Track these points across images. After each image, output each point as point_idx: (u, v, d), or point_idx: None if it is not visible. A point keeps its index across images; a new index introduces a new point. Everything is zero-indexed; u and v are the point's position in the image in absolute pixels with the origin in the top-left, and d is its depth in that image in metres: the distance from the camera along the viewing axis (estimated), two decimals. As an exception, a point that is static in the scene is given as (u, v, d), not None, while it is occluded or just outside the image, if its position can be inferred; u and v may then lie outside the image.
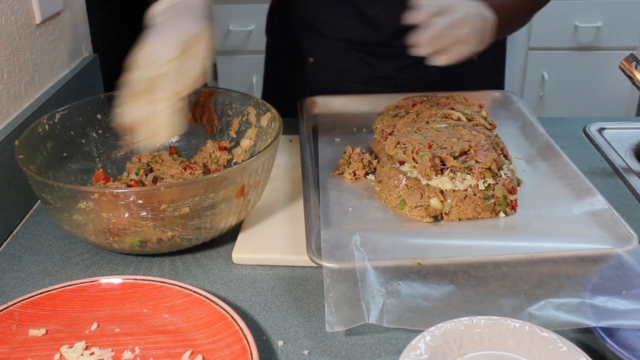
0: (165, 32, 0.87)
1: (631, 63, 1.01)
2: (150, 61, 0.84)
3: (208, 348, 0.69)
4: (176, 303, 0.75)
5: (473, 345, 0.67)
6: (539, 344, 0.66)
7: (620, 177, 1.04)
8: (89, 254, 0.88)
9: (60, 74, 1.17)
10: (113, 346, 0.71)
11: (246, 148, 0.99)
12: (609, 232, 0.80)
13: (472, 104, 1.06)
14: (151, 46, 0.85)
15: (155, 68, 0.83)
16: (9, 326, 0.72)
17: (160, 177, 0.92)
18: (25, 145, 0.86)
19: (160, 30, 0.87)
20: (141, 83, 0.83)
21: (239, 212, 0.85)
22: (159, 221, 0.78)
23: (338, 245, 0.77)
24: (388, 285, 0.72)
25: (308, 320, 0.75)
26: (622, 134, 1.19)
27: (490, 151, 0.90)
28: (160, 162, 0.96)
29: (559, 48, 2.70)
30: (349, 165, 0.97)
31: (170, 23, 0.88)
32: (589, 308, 0.71)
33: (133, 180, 0.91)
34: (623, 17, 2.63)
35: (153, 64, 0.83)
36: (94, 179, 0.94)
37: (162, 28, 0.88)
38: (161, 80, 0.83)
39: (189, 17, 0.89)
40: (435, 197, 0.86)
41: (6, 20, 0.96)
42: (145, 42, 0.86)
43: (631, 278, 0.73)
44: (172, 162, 0.96)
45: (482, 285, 0.74)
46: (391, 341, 0.72)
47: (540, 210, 0.87)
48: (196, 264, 0.85)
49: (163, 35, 0.86)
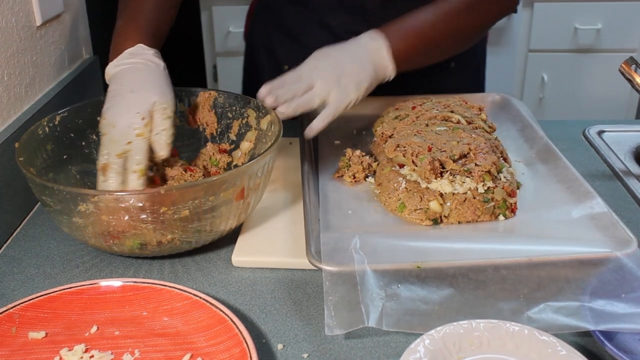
0: (126, 104, 0.87)
1: (630, 66, 1.01)
2: (117, 137, 0.85)
3: (208, 351, 0.69)
4: (176, 306, 0.75)
5: (472, 349, 0.67)
6: (538, 347, 0.66)
7: (619, 180, 1.04)
8: (89, 256, 0.88)
9: (61, 76, 1.17)
10: (113, 349, 0.71)
11: (246, 151, 0.99)
12: (608, 235, 0.80)
13: (472, 106, 1.06)
14: (115, 120, 0.86)
15: (122, 145, 0.84)
16: (9, 329, 0.72)
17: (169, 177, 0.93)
18: (25, 147, 0.86)
19: (121, 102, 0.88)
20: (111, 157, 0.84)
21: (238, 215, 0.85)
22: (159, 224, 0.78)
23: (337, 248, 0.77)
24: (387, 289, 0.72)
25: (307, 323, 0.75)
26: (622, 136, 1.19)
27: (489, 154, 0.90)
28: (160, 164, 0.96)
29: (558, 50, 2.70)
30: (348, 168, 0.97)
31: (129, 93, 0.88)
32: (588, 311, 0.71)
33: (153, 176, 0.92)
34: (623, 19, 2.63)
35: (120, 140, 0.85)
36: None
37: (122, 99, 0.88)
38: (131, 154, 0.84)
39: (148, 82, 0.90)
40: (435, 200, 0.86)
41: (6, 22, 0.96)
42: (109, 114, 0.87)
43: (630, 281, 0.73)
44: (173, 163, 0.96)
45: (482, 288, 0.74)
46: (390, 344, 0.72)
47: (539, 214, 0.87)
48: (196, 267, 0.85)
49: (124, 107, 0.87)
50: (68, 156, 0.95)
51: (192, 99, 1.02)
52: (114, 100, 0.89)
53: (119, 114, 0.87)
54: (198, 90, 1.02)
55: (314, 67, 0.96)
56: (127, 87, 0.89)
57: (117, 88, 0.90)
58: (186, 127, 1.02)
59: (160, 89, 0.90)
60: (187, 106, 1.02)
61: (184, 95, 1.02)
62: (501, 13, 1.11)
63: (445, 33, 1.05)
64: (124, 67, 0.92)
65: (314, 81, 0.94)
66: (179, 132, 0.93)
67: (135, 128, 0.85)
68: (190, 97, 1.02)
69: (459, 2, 1.04)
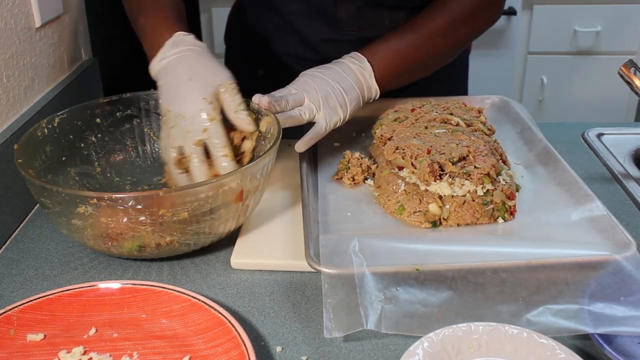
0: (189, 92, 0.87)
1: (630, 69, 1.01)
2: (190, 127, 0.85)
3: (206, 353, 0.69)
4: (174, 308, 0.75)
5: (471, 352, 0.67)
6: (537, 350, 0.66)
7: (618, 183, 1.04)
8: (88, 258, 0.88)
9: (60, 78, 1.17)
10: (111, 351, 0.71)
11: (249, 149, 0.99)
12: (608, 238, 0.79)
13: (471, 109, 1.06)
14: (183, 110, 0.86)
15: (198, 133, 0.85)
16: (7, 331, 0.72)
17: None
18: (24, 149, 0.86)
19: (183, 91, 0.87)
20: (189, 147, 0.85)
21: (237, 217, 0.85)
22: (157, 226, 0.78)
23: (336, 250, 0.77)
24: (386, 291, 0.72)
25: (306, 325, 0.75)
26: (621, 139, 1.19)
27: (489, 157, 0.90)
28: None
29: (558, 52, 2.70)
30: (347, 170, 0.97)
31: (188, 81, 0.88)
32: (587, 314, 0.71)
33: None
34: (622, 21, 2.63)
35: (194, 130, 0.85)
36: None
37: (183, 88, 0.88)
38: (210, 140, 0.85)
39: (203, 66, 0.89)
40: (434, 202, 0.86)
41: (6, 24, 0.96)
42: (174, 106, 0.87)
43: (629, 284, 0.73)
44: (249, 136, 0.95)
45: (481, 291, 0.74)
46: (389, 347, 0.72)
47: (538, 216, 0.87)
48: (195, 269, 0.85)
49: (188, 95, 0.87)
50: (67, 158, 0.95)
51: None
52: (173, 92, 0.88)
53: (185, 103, 0.86)
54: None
55: (303, 85, 0.97)
56: (184, 76, 0.88)
57: (172, 80, 0.89)
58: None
59: (217, 70, 0.89)
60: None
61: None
62: (482, 28, 1.13)
63: (427, 53, 1.07)
64: (171, 59, 0.90)
65: (302, 98, 0.95)
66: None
67: (207, 114, 0.85)
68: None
69: (441, 22, 1.06)
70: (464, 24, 1.08)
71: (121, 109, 1.00)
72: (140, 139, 1.03)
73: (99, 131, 0.99)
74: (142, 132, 1.03)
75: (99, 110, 0.99)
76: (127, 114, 1.01)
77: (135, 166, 1.02)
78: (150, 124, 1.02)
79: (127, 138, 1.02)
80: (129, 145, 1.02)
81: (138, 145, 1.03)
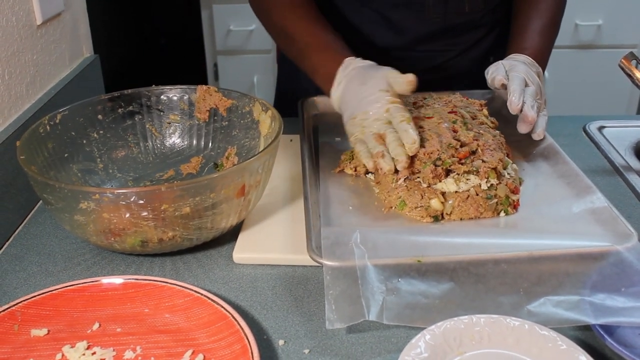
0: (364, 94, 0.93)
1: (630, 61, 1.01)
2: (376, 116, 0.91)
3: (209, 347, 0.70)
4: (177, 303, 0.75)
5: (473, 344, 0.67)
6: (538, 342, 0.66)
7: (620, 175, 1.04)
8: (91, 254, 0.88)
9: (61, 75, 1.17)
10: (114, 346, 0.71)
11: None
12: (609, 229, 0.80)
13: (473, 102, 1.06)
14: (367, 109, 0.92)
15: (383, 116, 0.91)
16: (11, 326, 0.72)
17: None
18: (26, 145, 0.86)
19: (360, 97, 0.94)
20: (382, 127, 0.90)
21: (239, 212, 0.85)
22: (160, 221, 0.78)
23: (338, 242, 0.77)
24: (388, 283, 0.73)
25: (309, 319, 0.76)
26: (622, 132, 1.19)
27: (496, 151, 0.90)
28: None
29: (559, 46, 2.66)
30: (351, 161, 0.97)
31: (361, 86, 0.95)
32: (588, 305, 0.71)
33: None
34: (624, 15, 2.63)
35: (379, 117, 0.91)
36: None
37: (358, 93, 0.95)
38: (392, 114, 0.90)
39: (371, 71, 0.96)
40: (436, 198, 0.86)
41: (7, 21, 0.97)
42: (359, 114, 0.93)
43: (630, 275, 0.73)
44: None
45: (482, 282, 0.74)
46: (391, 340, 0.72)
47: (540, 209, 0.87)
48: (197, 264, 0.86)
49: (365, 97, 0.93)
50: (69, 154, 0.95)
51: (193, 96, 1.03)
52: (354, 99, 0.94)
53: (366, 104, 0.93)
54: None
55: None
56: (357, 86, 0.95)
57: (348, 96, 0.96)
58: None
59: (381, 69, 0.96)
60: (187, 104, 1.03)
61: (187, 92, 1.02)
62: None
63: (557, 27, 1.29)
64: (345, 81, 0.97)
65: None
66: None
67: (387, 99, 0.91)
68: (191, 94, 1.03)
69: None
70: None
71: (123, 105, 1.01)
72: (142, 135, 1.03)
73: (101, 127, 1.00)
74: (144, 128, 1.03)
75: (100, 107, 0.99)
76: (128, 111, 1.01)
77: (137, 162, 1.02)
78: (151, 120, 1.03)
79: (129, 134, 1.02)
80: (131, 141, 1.02)
81: (140, 142, 1.03)
